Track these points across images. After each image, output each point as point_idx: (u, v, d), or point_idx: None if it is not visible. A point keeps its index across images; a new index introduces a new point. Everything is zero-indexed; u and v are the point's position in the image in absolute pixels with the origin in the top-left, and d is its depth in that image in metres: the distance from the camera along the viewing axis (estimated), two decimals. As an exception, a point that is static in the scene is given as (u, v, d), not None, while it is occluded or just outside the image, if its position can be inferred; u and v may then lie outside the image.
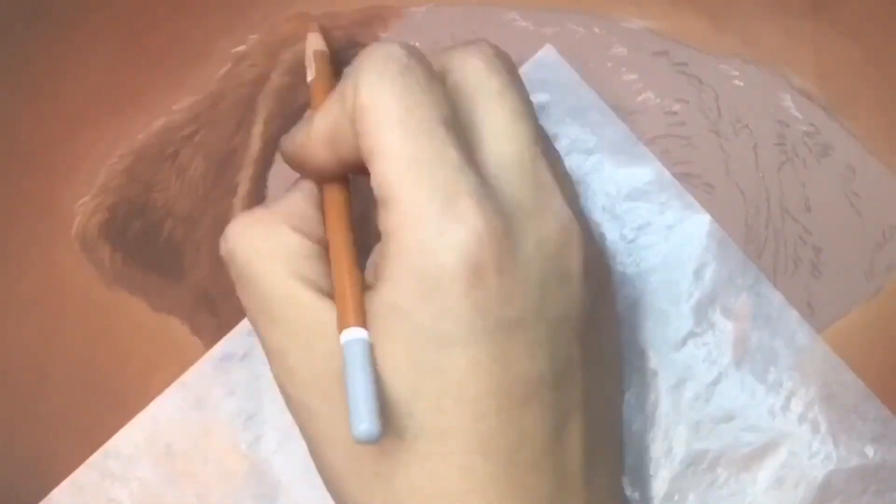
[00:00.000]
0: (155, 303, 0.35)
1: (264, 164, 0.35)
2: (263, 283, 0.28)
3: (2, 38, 0.36)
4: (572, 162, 0.34)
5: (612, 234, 0.34)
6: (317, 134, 0.28)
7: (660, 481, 0.33)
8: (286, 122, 0.35)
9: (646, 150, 0.34)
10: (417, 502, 0.26)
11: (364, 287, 0.27)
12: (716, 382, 0.33)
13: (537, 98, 0.33)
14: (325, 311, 0.27)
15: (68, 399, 0.35)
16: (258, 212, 0.29)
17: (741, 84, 0.35)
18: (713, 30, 0.35)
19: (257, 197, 0.35)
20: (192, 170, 0.35)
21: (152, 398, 0.34)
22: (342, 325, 0.26)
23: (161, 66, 0.36)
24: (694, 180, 0.35)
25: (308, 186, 0.30)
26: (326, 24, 0.35)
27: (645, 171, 0.34)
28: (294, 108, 0.35)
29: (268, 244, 0.28)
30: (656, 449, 0.33)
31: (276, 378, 0.28)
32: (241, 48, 0.36)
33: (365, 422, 0.24)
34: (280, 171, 0.35)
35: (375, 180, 0.26)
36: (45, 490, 0.34)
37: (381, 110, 0.26)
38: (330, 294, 0.27)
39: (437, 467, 0.26)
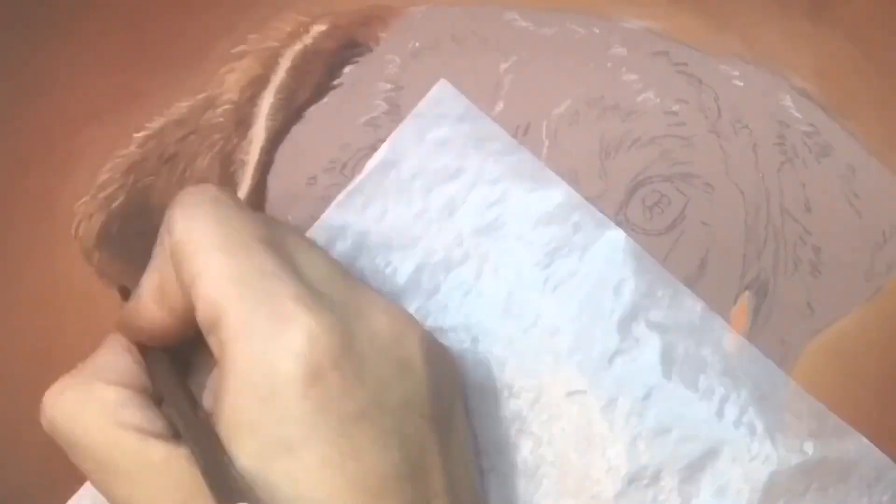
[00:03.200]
0: (155, 303, 0.35)
1: (264, 164, 0.35)
2: (89, 441, 0.28)
3: (2, 37, 0.36)
4: (479, 193, 0.34)
5: (526, 260, 0.34)
6: (145, 292, 0.29)
7: (604, 501, 0.32)
8: (286, 122, 0.35)
9: (551, 173, 0.34)
10: None
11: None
12: (647, 396, 0.33)
13: (437, 133, 0.34)
14: (153, 450, 0.27)
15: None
16: (66, 378, 0.29)
17: (741, 84, 0.35)
18: (713, 30, 0.35)
19: (258, 197, 0.35)
20: (192, 170, 0.35)
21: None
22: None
23: (161, 67, 0.36)
24: (693, 180, 0.35)
25: (113, 339, 0.30)
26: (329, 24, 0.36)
27: (553, 194, 0.34)
28: (294, 107, 0.35)
29: (82, 403, 0.28)
30: (597, 469, 0.33)
31: None
32: (240, 48, 0.36)
33: None
34: (280, 172, 0.35)
35: (200, 304, 0.27)
36: (49, 490, 0.34)
37: (196, 239, 0.27)
38: (155, 433, 0.27)
39: None
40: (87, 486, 0.34)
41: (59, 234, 0.35)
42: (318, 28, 0.36)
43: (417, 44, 0.35)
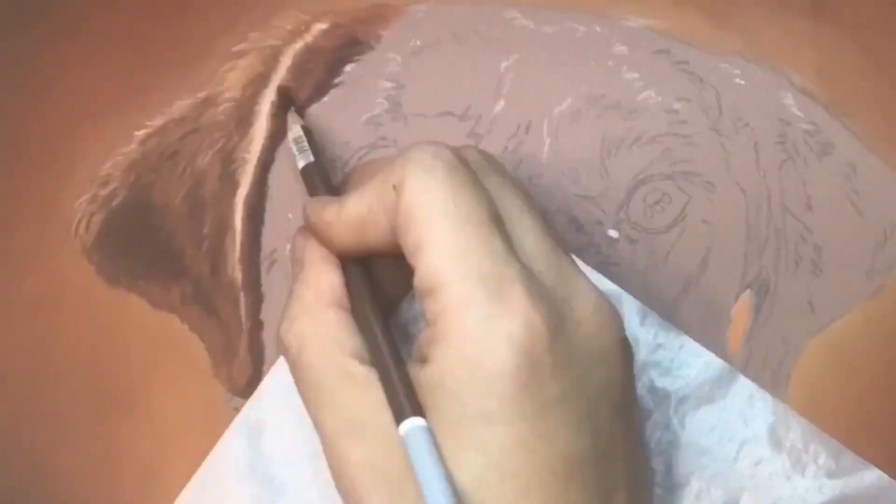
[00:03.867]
0: (155, 301, 0.35)
1: (265, 163, 0.35)
2: (317, 369, 0.29)
3: (3, 37, 0.36)
4: None
5: None
6: (348, 217, 0.29)
7: None
8: (287, 120, 0.35)
9: None
10: None
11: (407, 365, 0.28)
12: (664, 452, 0.33)
13: None
14: (374, 389, 0.27)
15: (70, 397, 0.34)
16: (296, 303, 0.30)
17: (742, 82, 0.35)
18: (714, 28, 0.35)
19: (258, 196, 0.35)
20: (193, 168, 0.35)
21: (153, 396, 0.34)
22: (399, 416, 0.26)
23: (162, 65, 0.36)
24: (695, 178, 0.35)
25: (320, 256, 0.30)
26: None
27: None
28: (296, 104, 0.35)
29: (316, 331, 0.29)
30: None
31: (329, 462, 0.28)
32: (241, 46, 0.36)
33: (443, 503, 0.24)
34: (281, 170, 0.35)
35: (423, 271, 0.27)
36: (47, 489, 0.34)
37: (429, 206, 0.27)
38: (368, 361, 0.28)
39: None
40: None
41: (60, 233, 0.35)
42: (319, 26, 0.36)
43: (419, 42, 0.35)
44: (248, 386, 0.35)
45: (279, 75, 0.35)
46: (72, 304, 0.35)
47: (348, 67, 0.35)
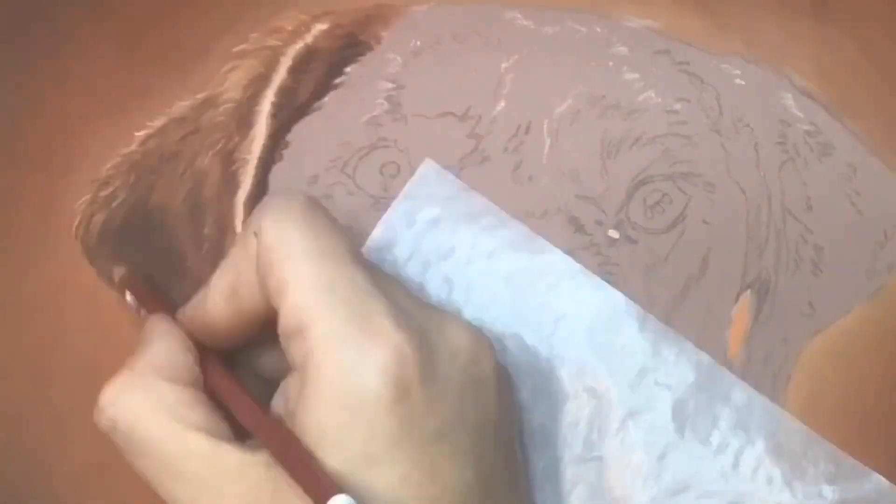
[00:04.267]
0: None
1: (265, 163, 0.35)
2: (157, 443, 0.27)
3: (4, 37, 0.36)
4: (475, 268, 0.34)
5: (527, 331, 0.34)
6: (216, 288, 0.29)
7: None
8: (287, 120, 0.35)
9: (544, 241, 0.34)
10: None
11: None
12: (662, 457, 0.33)
13: (427, 213, 0.34)
14: (226, 455, 0.27)
15: (71, 398, 0.34)
16: (125, 375, 0.29)
17: (742, 83, 0.35)
18: (715, 29, 0.35)
19: (259, 196, 0.35)
20: (193, 169, 0.35)
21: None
22: (322, 499, 0.25)
23: (162, 66, 0.36)
24: (695, 179, 0.35)
25: (168, 331, 0.30)
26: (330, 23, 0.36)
27: (551, 260, 0.34)
28: (295, 106, 0.35)
29: (148, 402, 0.28)
30: None
31: None
32: (241, 47, 0.36)
33: None
34: (281, 170, 0.35)
35: (288, 310, 0.27)
36: (49, 489, 0.34)
37: (289, 244, 0.27)
38: (225, 437, 0.27)
39: None
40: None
41: (61, 234, 0.35)
42: (320, 27, 0.36)
43: (419, 43, 0.35)
44: (248, 386, 0.35)
45: (279, 76, 0.35)
46: (73, 305, 0.35)
47: (348, 68, 0.35)
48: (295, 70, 0.35)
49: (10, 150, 0.35)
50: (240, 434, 0.28)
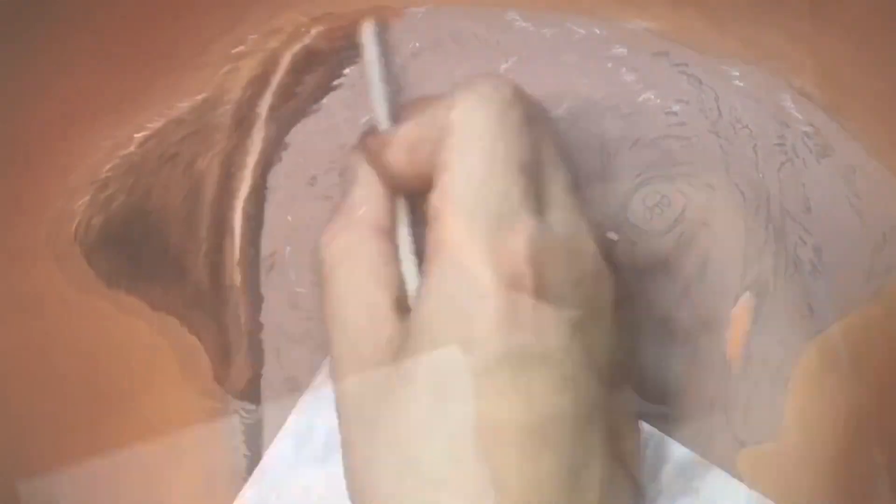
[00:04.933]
0: (154, 303, 0.35)
1: (264, 164, 0.35)
2: (345, 287, 0.29)
3: (2, 38, 0.36)
4: None
5: None
6: (403, 136, 0.29)
7: None
8: (286, 121, 0.35)
9: None
10: None
11: None
12: None
13: None
14: (391, 324, 0.28)
15: (69, 399, 0.35)
16: (343, 219, 0.30)
17: (741, 84, 0.35)
18: (713, 30, 0.35)
19: (257, 198, 0.35)
20: (192, 171, 0.35)
21: (152, 398, 0.35)
22: None
23: (161, 67, 0.36)
24: (694, 180, 0.35)
25: (368, 176, 0.30)
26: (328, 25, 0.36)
27: None
28: (294, 107, 0.35)
29: (353, 252, 0.29)
30: None
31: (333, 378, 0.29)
32: (240, 49, 0.36)
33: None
34: (280, 172, 0.35)
35: (439, 191, 0.27)
36: (46, 492, 0.34)
37: (469, 134, 0.27)
38: (397, 294, 0.29)
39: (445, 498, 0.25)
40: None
41: (59, 236, 0.35)
42: (318, 29, 0.36)
43: (418, 44, 0.35)
44: (247, 388, 0.35)
45: (278, 77, 0.35)
46: (71, 306, 0.35)
47: (347, 70, 0.36)
48: (294, 72, 0.35)
49: (8, 152, 0.35)
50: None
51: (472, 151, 0.27)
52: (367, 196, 0.30)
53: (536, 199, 0.28)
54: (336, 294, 0.29)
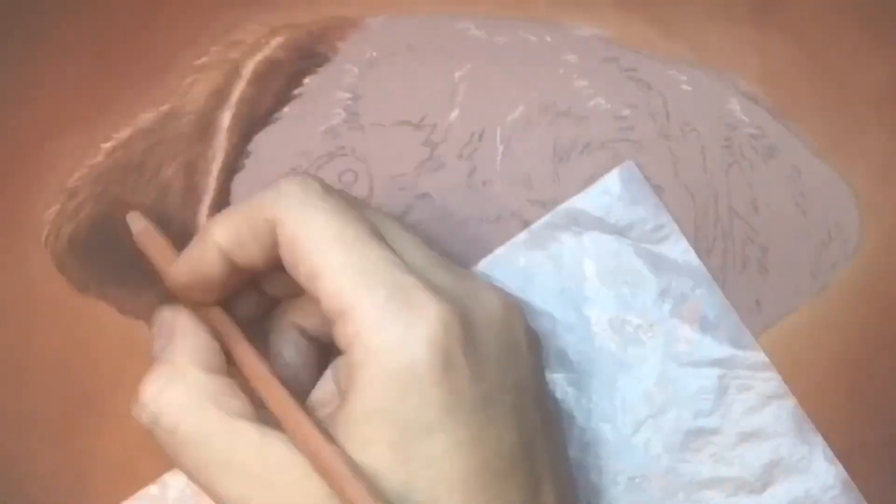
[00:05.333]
0: (123, 308, 0.36)
1: (228, 172, 0.36)
2: (203, 435, 0.28)
3: (-29, 52, 0.37)
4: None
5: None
6: (217, 240, 0.29)
7: None
8: (248, 130, 0.36)
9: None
10: None
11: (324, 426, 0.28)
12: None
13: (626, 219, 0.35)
14: (275, 443, 0.27)
15: (42, 403, 0.35)
16: (160, 369, 0.29)
17: (689, 88, 0.36)
18: (661, 36, 0.36)
19: (222, 203, 0.36)
20: (158, 179, 0.36)
21: (124, 400, 0.35)
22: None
23: (126, 78, 0.36)
24: (644, 183, 0.36)
25: (190, 321, 0.30)
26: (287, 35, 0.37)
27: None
28: (256, 116, 0.36)
29: (191, 394, 0.28)
30: None
31: None
32: (203, 60, 0.37)
33: None
34: (243, 180, 0.36)
35: (327, 297, 0.27)
36: (21, 493, 0.35)
37: (314, 233, 0.27)
38: (263, 422, 0.28)
39: None
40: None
41: (30, 243, 0.36)
42: (278, 39, 0.36)
43: (375, 53, 0.36)
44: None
45: (240, 88, 0.36)
46: (43, 312, 0.36)
47: (307, 79, 0.36)
48: (255, 82, 0.36)
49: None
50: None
51: (329, 247, 0.27)
52: (188, 338, 0.29)
53: (405, 256, 0.28)
54: (197, 450, 0.28)
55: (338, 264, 0.27)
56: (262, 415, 0.28)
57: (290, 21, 0.36)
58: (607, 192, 0.35)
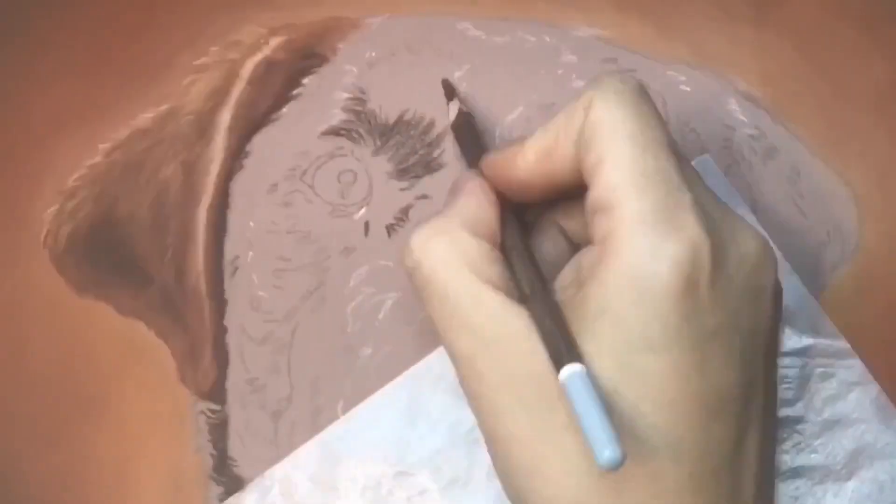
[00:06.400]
0: (122, 308, 0.36)
1: (226, 172, 0.36)
2: (451, 291, 0.29)
3: (-30, 53, 0.37)
4: None
5: None
6: (534, 145, 0.30)
7: None
8: (247, 130, 0.36)
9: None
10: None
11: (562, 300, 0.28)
12: None
13: None
14: (513, 316, 0.28)
15: (40, 403, 0.35)
16: (439, 221, 0.30)
17: (688, 89, 0.36)
18: (660, 37, 0.36)
19: (220, 205, 0.36)
20: (157, 179, 0.36)
21: (121, 401, 0.35)
22: (558, 362, 0.26)
23: (126, 79, 0.37)
24: (643, 183, 0.35)
25: (480, 188, 0.31)
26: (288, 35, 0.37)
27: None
28: (255, 116, 0.36)
29: (452, 252, 0.29)
30: None
31: (463, 381, 0.29)
32: (202, 60, 0.37)
33: (608, 448, 0.24)
34: (242, 179, 0.36)
35: (601, 186, 0.27)
36: (18, 493, 0.35)
37: (615, 124, 0.28)
38: (512, 294, 0.28)
39: (626, 470, 0.26)
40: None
41: (29, 244, 0.36)
42: (277, 40, 0.36)
43: (374, 54, 0.36)
44: (212, 389, 0.36)
45: (239, 88, 0.36)
46: (42, 312, 0.36)
47: (306, 79, 0.36)
48: (254, 82, 0.36)
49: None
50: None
51: (623, 142, 0.27)
52: (469, 204, 0.30)
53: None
54: (445, 297, 0.29)
55: (623, 159, 0.27)
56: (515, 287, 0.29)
57: (290, 21, 0.37)
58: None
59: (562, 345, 0.26)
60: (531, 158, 0.30)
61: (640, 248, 0.26)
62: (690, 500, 0.27)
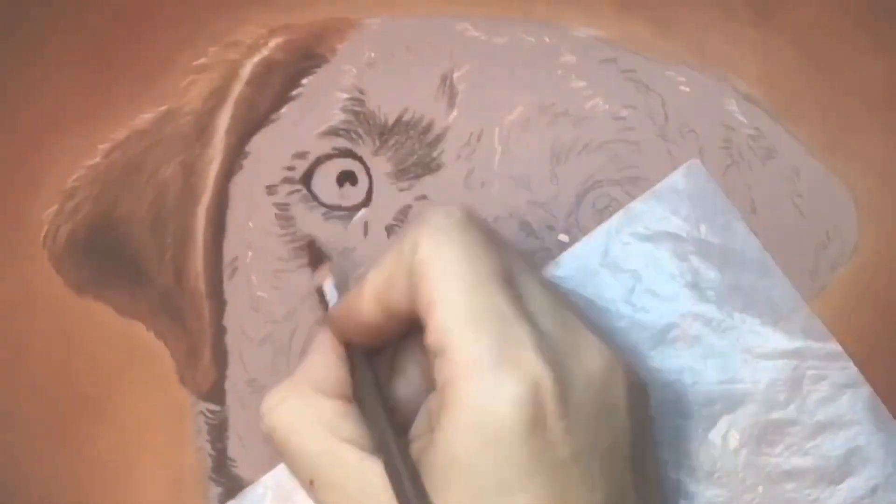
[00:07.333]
0: (122, 309, 0.36)
1: (225, 173, 0.36)
2: (307, 453, 0.29)
3: (-31, 53, 0.37)
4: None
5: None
6: (371, 286, 0.29)
7: None
8: (246, 131, 0.36)
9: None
10: None
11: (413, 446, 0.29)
12: None
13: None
14: (370, 470, 0.28)
15: (39, 403, 0.35)
16: (288, 385, 0.30)
17: (687, 90, 0.36)
18: (660, 37, 0.36)
19: (219, 205, 0.36)
20: (156, 180, 0.36)
21: (121, 401, 0.35)
22: None
23: (125, 79, 0.37)
24: (642, 184, 0.35)
25: (325, 344, 0.31)
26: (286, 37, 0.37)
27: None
28: (254, 117, 0.36)
29: (304, 414, 0.30)
30: None
31: None
32: (201, 61, 0.37)
33: None
34: (241, 181, 0.36)
35: (434, 330, 0.27)
36: (17, 493, 0.35)
37: (441, 264, 0.28)
38: (369, 448, 0.29)
39: None
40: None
41: (28, 244, 0.36)
42: (276, 40, 0.36)
43: (373, 54, 0.36)
44: (212, 390, 0.36)
45: (238, 88, 0.36)
46: (41, 313, 0.36)
47: (305, 80, 0.36)
48: (253, 82, 0.36)
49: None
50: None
51: (451, 282, 0.27)
52: (317, 364, 0.31)
53: (523, 304, 0.28)
54: (304, 462, 0.29)
55: (454, 300, 0.27)
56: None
57: (289, 22, 0.37)
58: (674, 190, 0.35)
59: (412, 501, 0.26)
60: (371, 301, 0.29)
61: (479, 393, 0.26)
62: None
